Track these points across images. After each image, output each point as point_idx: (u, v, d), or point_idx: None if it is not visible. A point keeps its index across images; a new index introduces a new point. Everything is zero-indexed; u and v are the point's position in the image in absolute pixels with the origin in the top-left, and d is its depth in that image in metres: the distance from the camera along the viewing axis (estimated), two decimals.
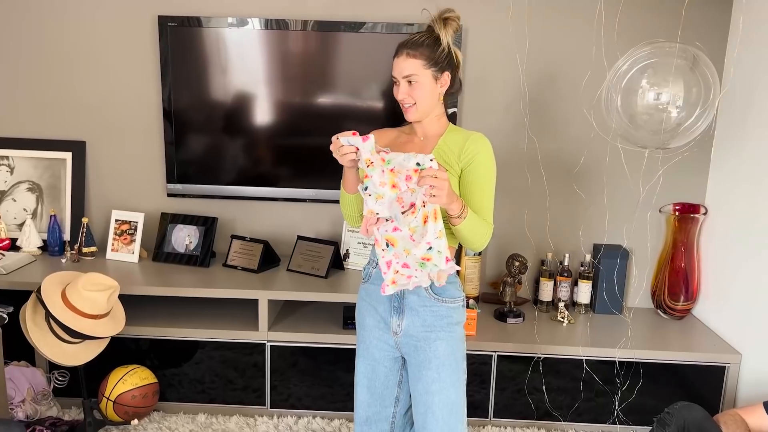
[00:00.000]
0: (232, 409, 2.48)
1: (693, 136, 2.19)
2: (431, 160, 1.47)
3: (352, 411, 2.44)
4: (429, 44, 1.64)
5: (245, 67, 2.56)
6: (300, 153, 2.65)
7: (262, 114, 2.62)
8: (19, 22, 2.61)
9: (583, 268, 2.63)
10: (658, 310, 2.64)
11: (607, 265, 2.57)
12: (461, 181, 1.66)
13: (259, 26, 2.52)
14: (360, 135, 1.55)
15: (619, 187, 2.60)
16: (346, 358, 2.41)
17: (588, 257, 2.63)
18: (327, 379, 2.45)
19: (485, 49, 2.56)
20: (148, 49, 2.63)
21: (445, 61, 1.66)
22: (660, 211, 2.62)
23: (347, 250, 2.66)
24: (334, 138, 1.58)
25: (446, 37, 1.65)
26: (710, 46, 2.44)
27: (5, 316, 2.06)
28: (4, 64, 2.65)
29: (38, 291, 2.11)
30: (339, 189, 2.59)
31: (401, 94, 1.67)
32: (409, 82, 1.65)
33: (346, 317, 2.44)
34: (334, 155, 1.59)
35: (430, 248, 1.49)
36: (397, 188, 1.50)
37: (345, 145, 1.56)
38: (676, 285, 2.58)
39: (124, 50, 2.64)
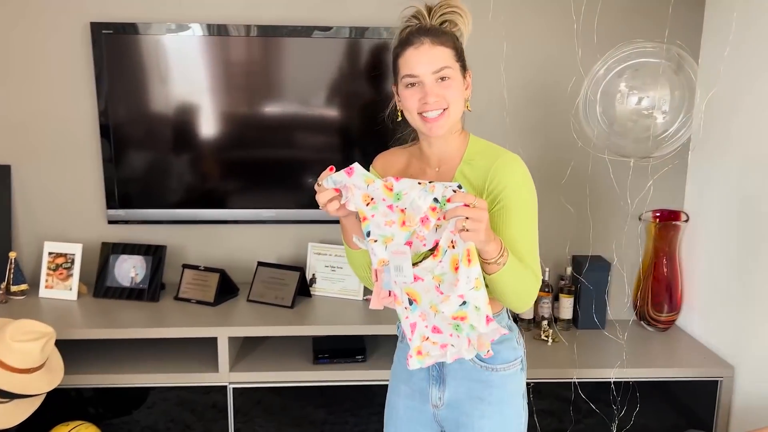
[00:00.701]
0: None
1: (679, 143, 2.07)
2: (454, 191, 1.11)
3: None
4: (449, 34, 1.30)
5: (190, 77, 2.32)
6: (257, 170, 2.42)
7: (212, 127, 2.38)
8: None
9: (563, 282, 2.50)
10: (642, 322, 2.53)
11: (590, 278, 2.43)
12: (490, 223, 1.29)
13: (201, 32, 2.28)
14: (339, 170, 1.21)
15: (599, 196, 2.47)
16: (317, 394, 2.20)
17: (569, 270, 2.50)
18: (296, 417, 2.22)
19: None
20: (81, 59, 2.35)
21: (464, 58, 1.33)
22: (640, 219, 2.50)
23: (313, 274, 2.44)
24: (316, 186, 1.24)
25: (468, 26, 1.33)
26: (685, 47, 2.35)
27: None
28: None
29: None
30: (302, 208, 2.44)
31: (431, 95, 1.27)
32: (441, 78, 1.27)
33: (317, 351, 2.22)
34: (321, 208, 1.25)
35: (464, 303, 1.13)
36: (408, 227, 1.15)
37: (327, 188, 1.20)
38: (659, 295, 2.47)
39: (53, 61, 2.36)
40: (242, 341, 2.36)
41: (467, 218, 1.11)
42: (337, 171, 1.21)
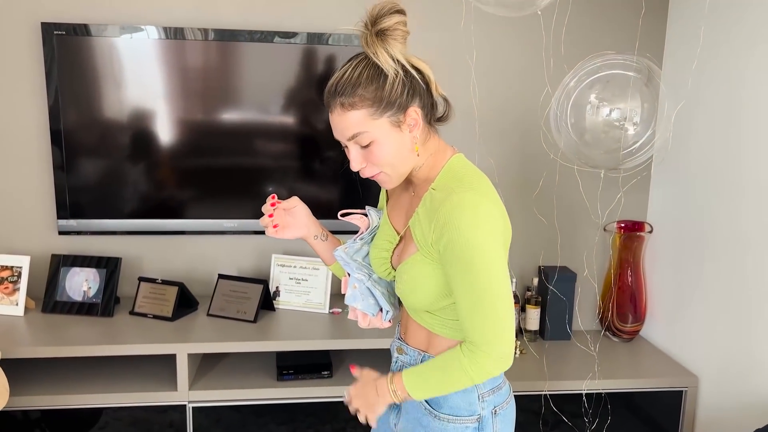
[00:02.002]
0: None
1: (649, 155, 2.07)
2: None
3: None
4: (370, 77, 1.14)
5: (146, 82, 2.22)
6: (216, 178, 2.33)
7: (170, 135, 2.28)
8: None
9: (530, 293, 2.48)
10: (607, 333, 2.53)
11: (557, 288, 2.42)
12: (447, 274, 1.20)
13: (156, 35, 2.19)
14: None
15: (565, 207, 2.47)
16: (279, 411, 2.12)
17: (536, 281, 2.49)
18: None
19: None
20: (30, 61, 2.23)
21: (404, 94, 1.15)
22: (605, 229, 2.51)
23: (277, 287, 2.36)
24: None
25: (390, 59, 1.14)
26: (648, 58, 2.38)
27: None
28: None
29: None
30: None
31: (355, 163, 1.20)
32: (360, 144, 1.18)
33: (281, 367, 2.14)
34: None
35: None
36: None
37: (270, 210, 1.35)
38: (624, 306, 2.48)
39: (0, 62, 2.23)
40: (202, 358, 2.26)
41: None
42: (278, 198, 1.37)
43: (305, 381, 2.13)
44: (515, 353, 2.36)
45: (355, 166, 1.21)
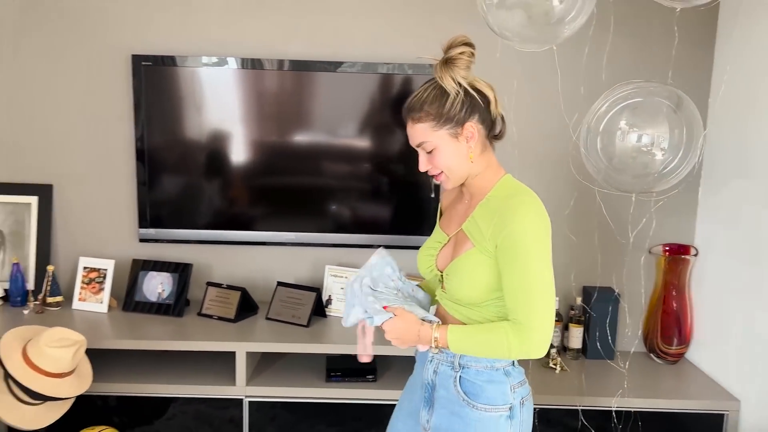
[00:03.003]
0: None
1: (678, 179, 2.11)
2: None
3: None
4: (435, 97, 1.38)
5: (223, 107, 2.47)
6: (279, 194, 2.55)
7: (240, 154, 2.52)
8: None
9: (573, 312, 2.55)
10: (651, 354, 2.56)
11: (599, 308, 2.48)
12: (499, 266, 1.38)
13: (235, 65, 2.44)
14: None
15: (608, 228, 2.53)
16: (329, 412, 2.28)
17: (579, 301, 2.55)
18: None
19: None
20: (121, 88, 2.53)
21: (462, 111, 1.37)
22: (650, 252, 2.56)
23: (329, 296, 2.54)
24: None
25: (452, 82, 1.36)
26: (694, 85, 2.44)
27: None
28: None
29: None
30: (322, 232, 2.57)
31: (422, 165, 1.45)
32: (425, 150, 1.43)
33: (330, 369, 2.31)
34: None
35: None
36: None
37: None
38: (668, 328, 2.50)
39: (95, 89, 2.54)
40: (259, 357, 2.46)
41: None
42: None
43: (351, 383, 2.28)
44: (556, 370, 2.43)
45: (421, 168, 1.45)
